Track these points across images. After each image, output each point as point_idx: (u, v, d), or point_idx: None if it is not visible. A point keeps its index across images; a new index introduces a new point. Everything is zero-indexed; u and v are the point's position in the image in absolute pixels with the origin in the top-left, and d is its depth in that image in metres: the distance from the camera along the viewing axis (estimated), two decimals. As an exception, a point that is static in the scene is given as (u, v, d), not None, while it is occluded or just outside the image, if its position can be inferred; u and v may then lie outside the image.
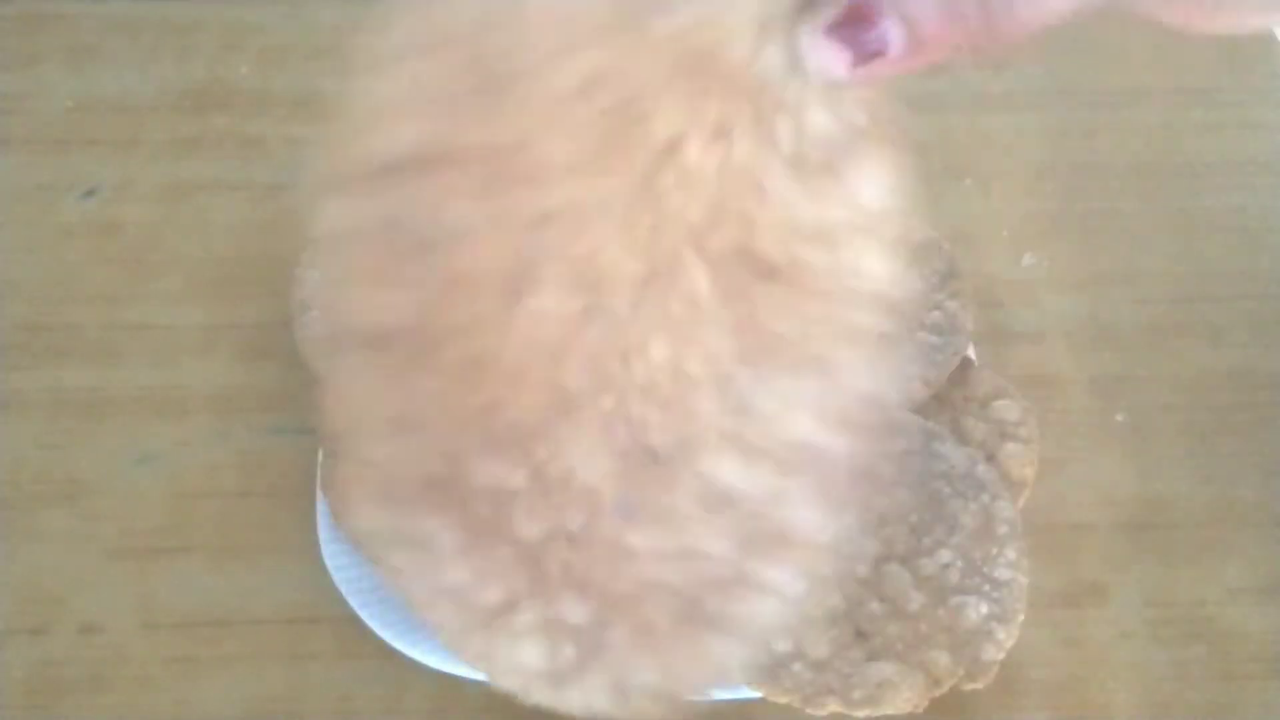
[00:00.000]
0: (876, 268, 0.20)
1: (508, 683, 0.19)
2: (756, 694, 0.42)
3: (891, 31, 0.18)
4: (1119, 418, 0.54)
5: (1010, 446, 0.48)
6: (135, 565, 0.48)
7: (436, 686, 0.44)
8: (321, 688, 0.45)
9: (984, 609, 0.42)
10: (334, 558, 0.45)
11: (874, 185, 0.21)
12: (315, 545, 0.46)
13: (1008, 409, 0.49)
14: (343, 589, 0.44)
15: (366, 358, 0.20)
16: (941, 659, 0.42)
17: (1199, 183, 0.63)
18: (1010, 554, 0.44)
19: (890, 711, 0.41)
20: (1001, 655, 0.42)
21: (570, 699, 0.19)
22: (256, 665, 0.46)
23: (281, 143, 0.63)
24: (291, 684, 0.46)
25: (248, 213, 0.60)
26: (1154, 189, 0.63)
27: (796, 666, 0.42)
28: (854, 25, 0.19)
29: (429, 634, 0.44)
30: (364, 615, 0.44)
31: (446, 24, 0.19)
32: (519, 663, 0.18)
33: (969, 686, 0.43)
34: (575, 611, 0.19)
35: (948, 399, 0.50)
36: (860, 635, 0.42)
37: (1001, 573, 0.43)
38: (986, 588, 0.43)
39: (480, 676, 0.43)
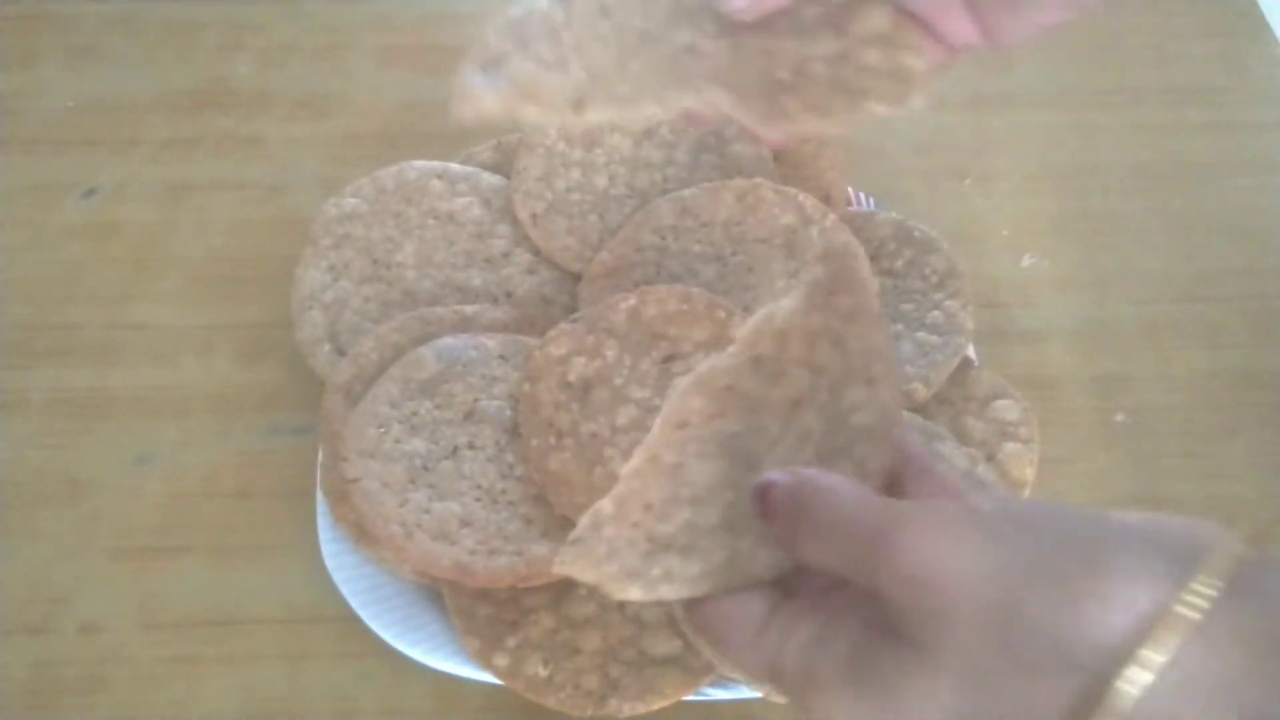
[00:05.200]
0: None
1: None
2: (756, 694, 0.42)
3: None
4: (1119, 418, 0.54)
5: (1010, 446, 0.48)
6: (135, 565, 0.48)
7: (436, 686, 0.44)
8: (321, 688, 0.46)
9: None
10: (334, 558, 0.45)
11: None
12: (315, 545, 0.46)
13: (1008, 409, 0.49)
14: (343, 589, 0.44)
15: None
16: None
17: (1199, 183, 0.63)
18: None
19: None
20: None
21: None
22: (256, 665, 0.46)
23: (281, 143, 0.64)
24: (291, 684, 0.46)
25: (248, 213, 0.60)
26: (1154, 189, 0.63)
27: (796, 667, 0.42)
28: None
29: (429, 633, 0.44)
30: (364, 615, 0.44)
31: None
32: None
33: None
34: None
35: (947, 399, 0.50)
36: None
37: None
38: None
39: (478, 676, 0.43)
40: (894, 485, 0.30)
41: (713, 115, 0.33)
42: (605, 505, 0.30)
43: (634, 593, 0.29)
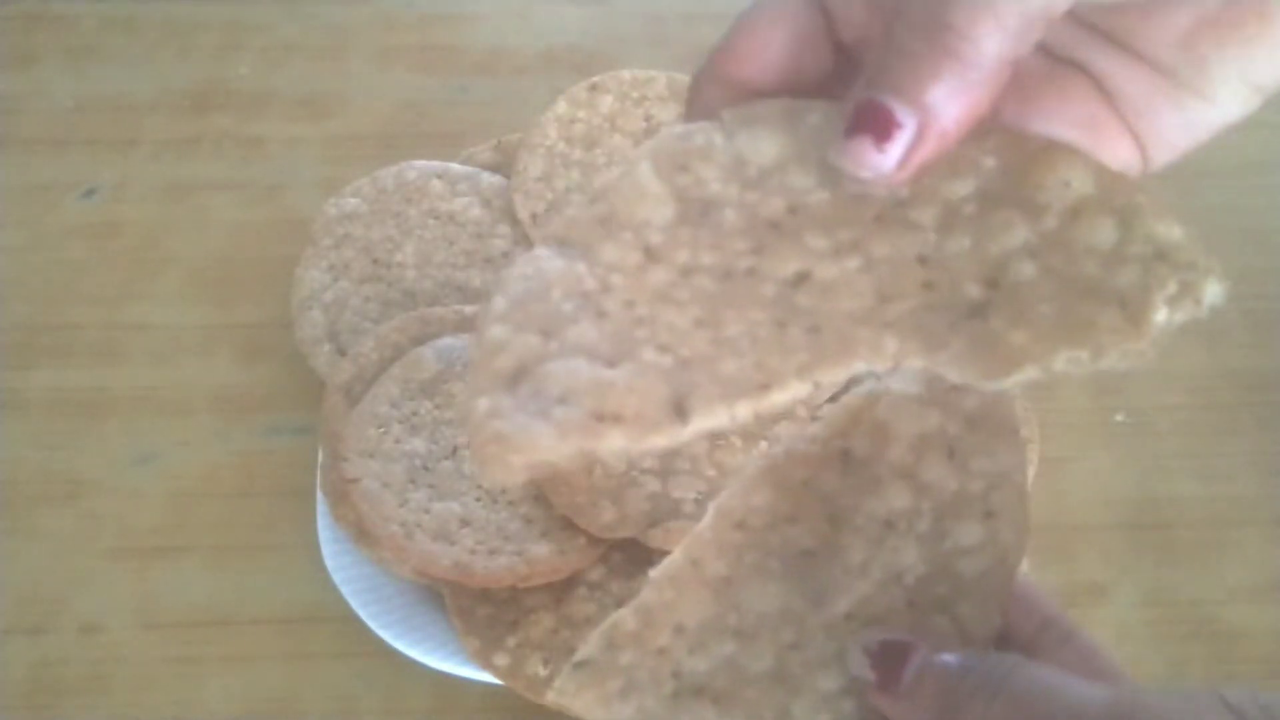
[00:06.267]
0: None
1: None
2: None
3: (900, 111, 0.21)
4: (1119, 418, 0.54)
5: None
6: (135, 565, 0.48)
7: (436, 686, 0.44)
8: (321, 688, 0.45)
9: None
10: (334, 558, 0.45)
11: None
12: (315, 545, 0.46)
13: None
14: (343, 589, 0.44)
15: None
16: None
17: (1199, 183, 0.63)
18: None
19: None
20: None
21: None
22: (256, 665, 0.46)
23: (281, 143, 0.63)
24: (291, 684, 0.46)
25: (248, 213, 0.60)
26: (1154, 189, 0.63)
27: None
28: (867, 120, 0.21)
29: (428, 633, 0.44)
30: (364, 615, 0.44)
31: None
32: None
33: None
34: None
35: (948, 399, 0.50)
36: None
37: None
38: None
39: (478, 676, 0.43)
40: (1016, 646, 0.25)
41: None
42: (625, 618, 0.24)
43: None
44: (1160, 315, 0.21)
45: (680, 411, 0.20)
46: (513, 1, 0.71)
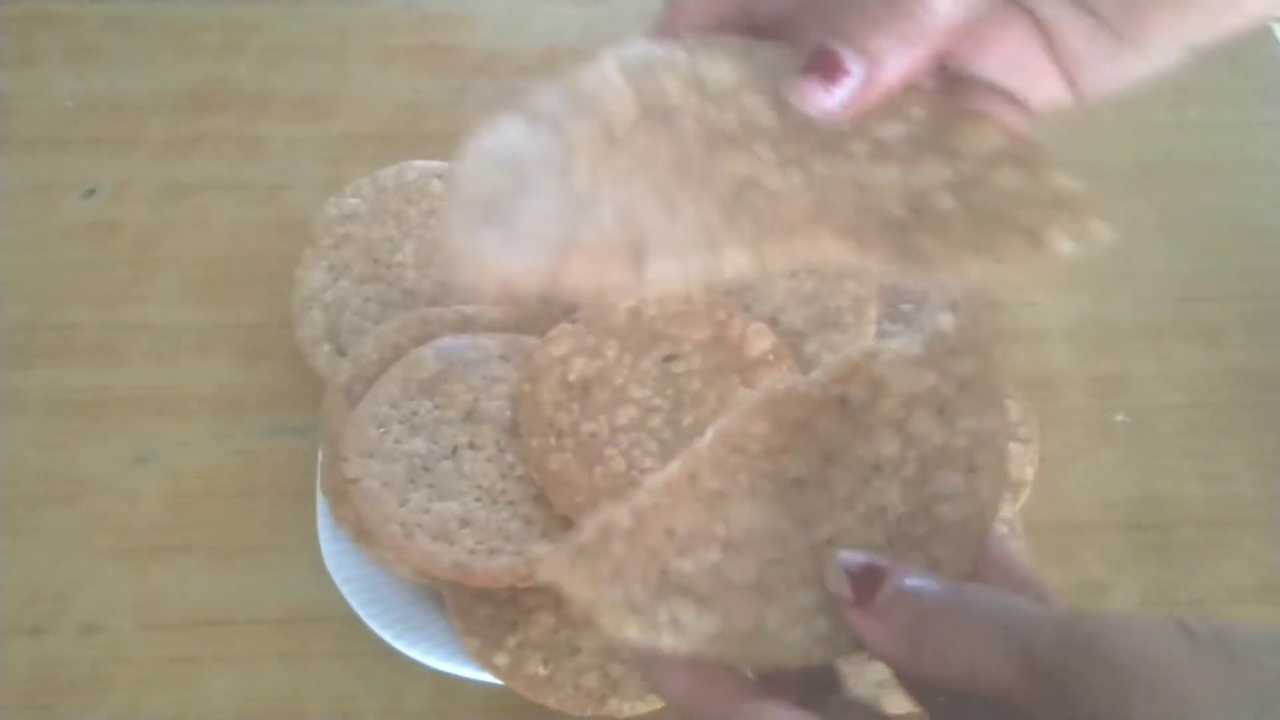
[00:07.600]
0: None
1: None
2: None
3: (850, 59, 0.24)
4: (1119, 418, 0.54)
5: (1010, 446, 0.48)
6: (135, 565, 0.48)
7: (436, 686, 0.44)
8: (321, 688, 0.45)
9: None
10: (334, 558, 0.45)
11: None
12: (315, 545, 0.46)
13: (1008, 408, 0.49)
14: (343, 589, 0.44)
15: None
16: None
17: (1199, 183, 0.63)
18: (1010, 554, 0.44)
19: (891, 711, 0.41)
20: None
21: None
22: (256, 665, 0.46)
23: (281, 143, 0.64)
24: (291, 684, 0.46)
25: (248, 213, 0.60)
26: (1154, 189, 0.63)
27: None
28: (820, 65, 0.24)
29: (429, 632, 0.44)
30: (364, 615, 0.44)
31: None
32: None
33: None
34: None
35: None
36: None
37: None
38: (987, 588, 0.43)
39: (478, 676, 0.43)
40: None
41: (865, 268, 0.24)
42: (621, 516, 0.25)
43: (630, 631, 0.24)
44: (1060, 244, 0.24)
45: (637, 255, 0.23)
46: (513, 1, 0.71)
